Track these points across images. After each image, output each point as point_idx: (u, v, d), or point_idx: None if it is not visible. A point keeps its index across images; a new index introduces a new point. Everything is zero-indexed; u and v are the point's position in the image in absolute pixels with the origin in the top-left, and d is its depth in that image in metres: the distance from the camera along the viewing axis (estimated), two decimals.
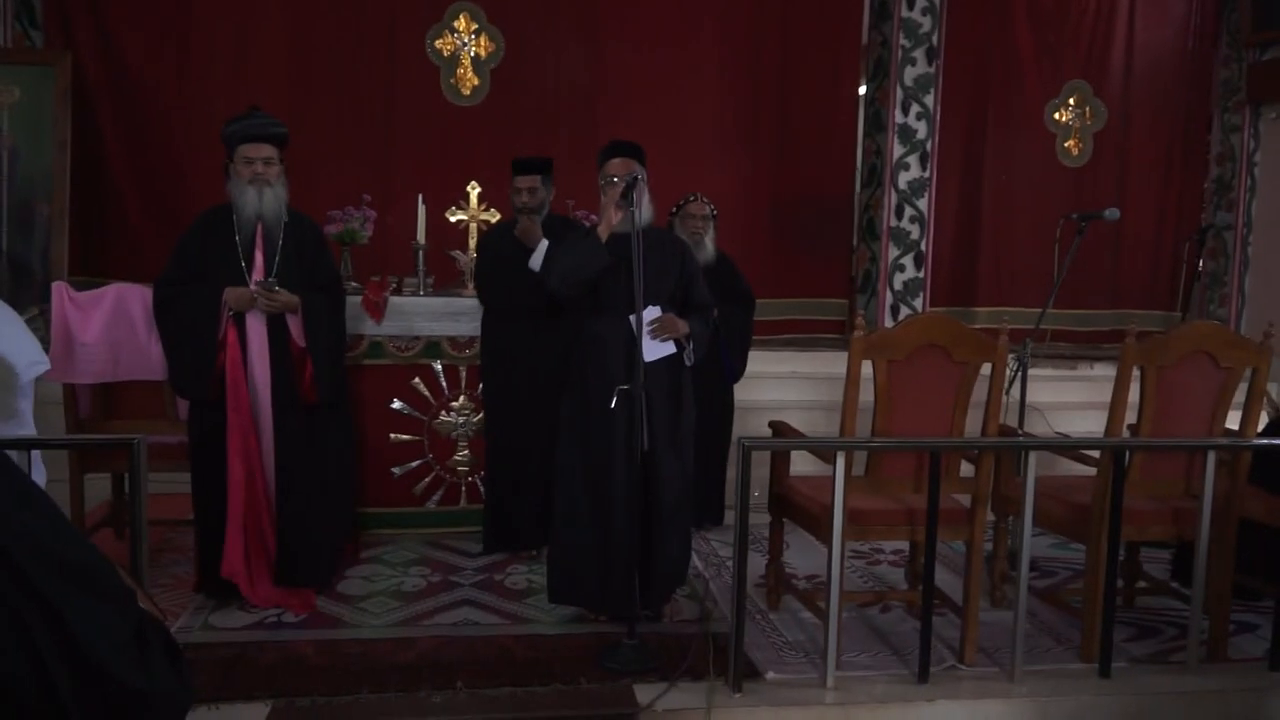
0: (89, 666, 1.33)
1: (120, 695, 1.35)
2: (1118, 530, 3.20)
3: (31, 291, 5.23)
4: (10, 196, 5.19)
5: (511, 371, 4.15)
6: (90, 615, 1.34)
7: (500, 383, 4.20)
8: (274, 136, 3.56)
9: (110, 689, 1.34)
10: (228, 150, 3.55)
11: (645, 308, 3.26)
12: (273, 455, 3.57)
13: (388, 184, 5.83)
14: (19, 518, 1.33)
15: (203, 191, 4.99)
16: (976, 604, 3.27)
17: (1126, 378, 3.30)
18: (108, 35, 5.63)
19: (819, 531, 3.31)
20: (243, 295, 3.47)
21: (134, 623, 1.42)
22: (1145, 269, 7.17)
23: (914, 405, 3.24)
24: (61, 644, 1.31)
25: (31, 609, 1.30)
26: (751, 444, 3.05)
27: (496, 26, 6.15)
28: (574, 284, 3.39)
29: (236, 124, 3.55)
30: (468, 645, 3.31)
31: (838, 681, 3.08)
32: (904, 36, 6.31)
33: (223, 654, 3.17)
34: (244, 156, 3.50)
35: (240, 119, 3.57)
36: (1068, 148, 7.00)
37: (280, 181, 3.57)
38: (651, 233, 3.46)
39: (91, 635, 1.33)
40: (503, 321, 4.21)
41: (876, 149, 6.53)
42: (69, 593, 1.33)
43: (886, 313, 6.43)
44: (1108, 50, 7.00)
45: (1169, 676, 3.26)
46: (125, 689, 1.35)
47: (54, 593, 1.32)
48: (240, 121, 3.55)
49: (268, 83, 5.68)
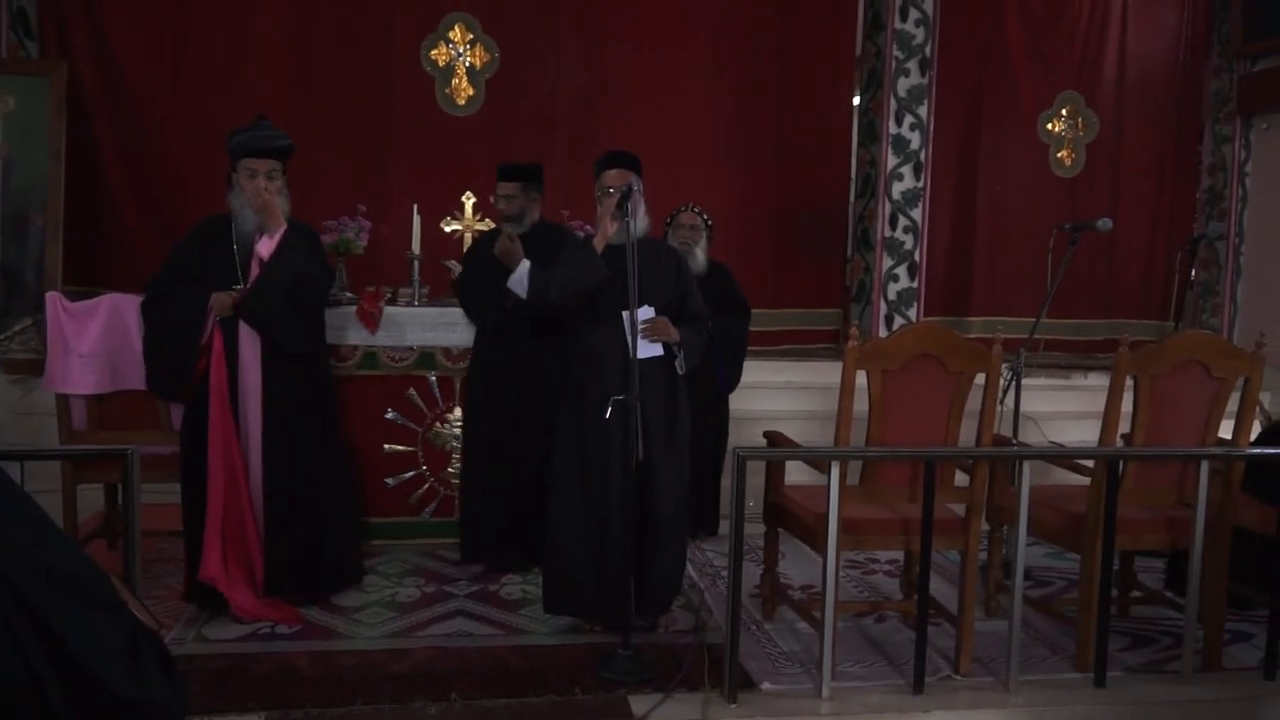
0: (80, 675, 1.32)
1: (112, 704, 1.34)
2: (1112, 539, 3.20)
3: (25, 302, 5.21)
4: (4, 206, 5.18)
5: (494, 383, 4.14)
6: (81, 624, 1.34)
7: (482, 394, 4.19)
8: (277, 150, 3.55)
9: (102, 698, 1.34)
10: (231, 160, 3.54)
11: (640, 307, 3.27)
12: (260, 465, 3.56)
13: (383, 194, 5.83)
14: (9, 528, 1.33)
15: (198, 201, 4.98)
16: (972, 614, 3.27)
17: (1120, 387, 3.31)
18: (104, 45, 5.63)
19: (814, 541, 3.31)
20: (224, 300, 3.47)
21: (127, 632, 1.41)
22: (1138, 279, 7.20)
23: (909, 415, 3.24)
24: (50, 652, 1.31)
25: (20, 617, 1.29)
26: (746, 454, 3.05)
27: (491, 37, 6.16)
28: (573, 295, 3.40)
29: (241, 135, 3.54)
30: (462, 656, 3.30)
31: (833, 692, 3.08)
32: (897, 48, 6.34)
33: (216, 665, 3.16)
34: (248, 169, 3.50)
35: (246, 130, 3.56)
36: (1060, 158, 7.04)
37: (283, 195, 3.55)
38: (646, 243, 3.46)
39: (82, 644, 1.33)
40: (486, 333, 4.21)
41: (870, 159, 6.56)
42: (58, 601, 1.33)
43: (881, 322, 6.45)
44: (1100, 61, 7.04)
45: (1164, 686, 3.26)
46: (117, 698, 1.35)
47: (42, 601, 1.31)
48: (245, 133, 3.54)
49: (264, 93, 5.68)
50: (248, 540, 3.54)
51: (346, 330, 4.33)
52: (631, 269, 3.16)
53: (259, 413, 3.54)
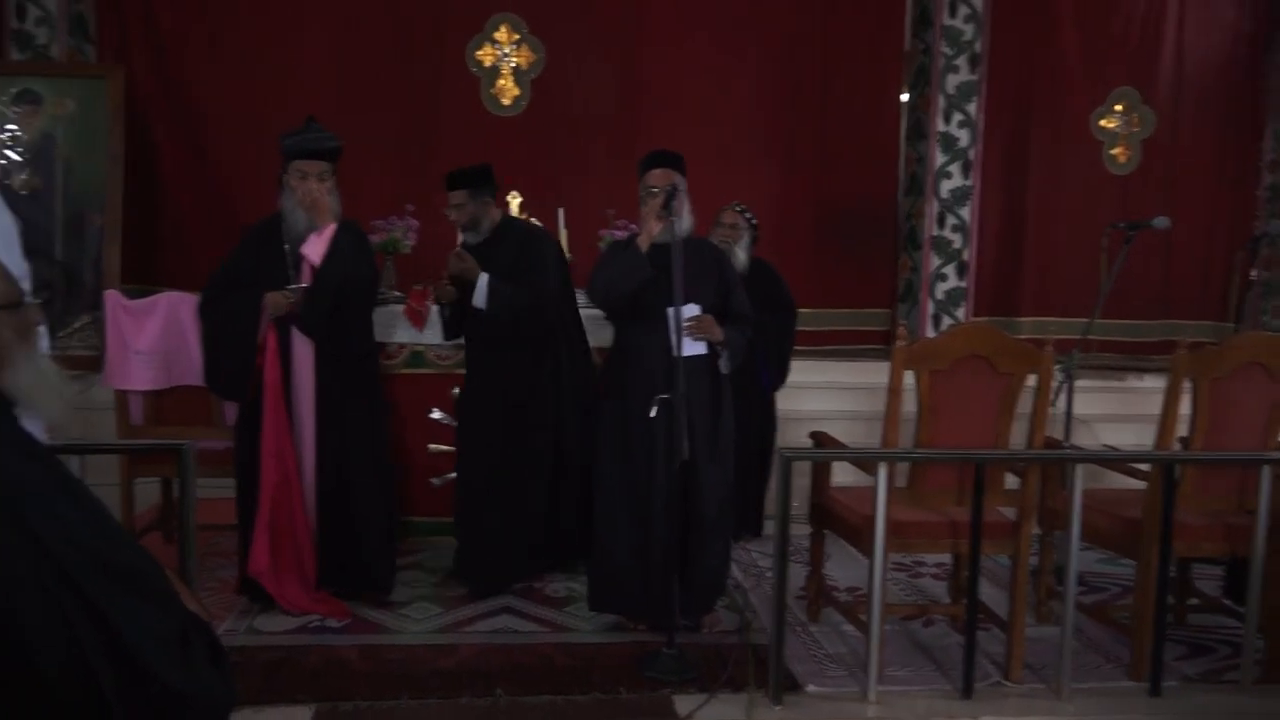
0: (133, 664, 1.34)
1: (163, 694, 1.36)
2: (1169, 546, 3.13)
3: (84, 300, 5.34)
4: (64, 207, 5.31)
5: (485, 399, 3.90)
6: (134, 614, 1.36)
7: (474, 409, 3.96)
8: (327, 151, 3.60)
9: (154, 689, 1.36)
10: (283, 163, 3.59)
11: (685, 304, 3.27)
12: (313, 462, 3.61)
13: (430, 194, 5.87)
14: (67, 520, 1.36)
15: (253, 200, 5.06)
16: (1022, 619, 3.21)
17: (1178, 389, 3.24)
18: (160, 48, 5.74)
19: (860, 543, 3.28)
20: (278, 300, 3.52)
21: (178, 623, 1.43)
22: (1196, 278, 7.02)
23: (957, 416, 3.20)
24: (105, 642, 1.33)
25: (77, 607, 1.32)
26: (792, 455, 3.03)
27: (537, 37, 6.19)
28: (616, 297, 3.41)
29: (292, 138, 3.59)
30: (508, 653, 3.32)
31: (879, 696, 3.04)
32: (946, 44, 6.25)
33: (267, 657, 3.21)
34: (298, 170, 3.55)
35: (296, 133, 3.61)
36: (1115, 155, 6.89)
37: (334, 195, 3.59)
38: (691, 242, 3.46)
39: (135, 634, 1.35)
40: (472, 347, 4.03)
41: (918, 157, 6.48)
42: (114, 592, 1.36)
43: (929, 323, 6.36)
44: (1156, 56, 6.88)
45: (1222, 696, 3.19)
46: (168, 688, 1.37)
47: (99, 592, 1.34)
48: (296, 136, 3.60)
49: (314, 94, 5.75)
50: (298, 535, 3.59)
51: (394, 328, 4.38)
52: (676, 267, 3.15)
53: (312, 411, 3.59)
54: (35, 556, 1.31)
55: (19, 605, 1.28)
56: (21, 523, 1.31)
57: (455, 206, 3.94)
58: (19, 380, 1.52)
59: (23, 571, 1.30)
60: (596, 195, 5.57)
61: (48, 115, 5.22)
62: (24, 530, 1.31)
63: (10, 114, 5.19)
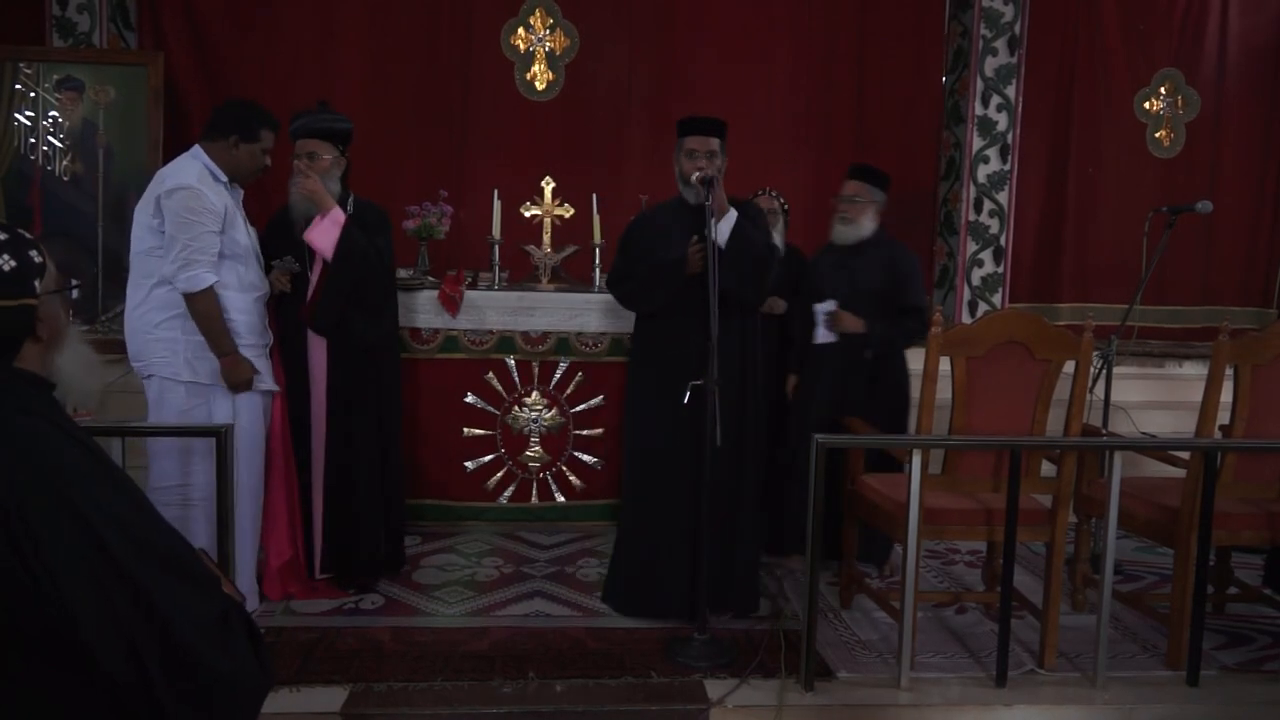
0: (177, 647, 1.37)
1: (205, 675, 1.39)
2: (1208, 534, 3.08)
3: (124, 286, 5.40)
4: (106, 193, 5.38)
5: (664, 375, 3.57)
6: (177, 598, 1.39)
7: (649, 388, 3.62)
8: (322, 131, 3.58)
9: (197, 669, 1.39)
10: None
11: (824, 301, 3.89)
12: (323, 449, 3.66)
13: (463, 179, 5.90)
14: (112, 504, 1.39)
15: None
16: (1057, 607, 3.18)
17: (1219, 376, 3.18)
18: (199, 35, 5.79)
19: (894, 530, 3.26)
20: (280, 278, 3.57)
21: (218, 606, 1.46)
22: (1239, 263, 6.88)
23: (993, 403, 3.16)
24: (151, 625, 1.36)
25: (124, 591, 1.34)
26: (826, 441, 3.01)
27: (571, 22, 6.17)
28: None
29: (297, 119, 3.63)
30: (540, 636, 3.35)
31: (912, 683, 3.03)
32: (985, 26, 6.14)
33: (303, 638, 3.26)
34: (295, 152, 3.58)
35: (305, 113, 3.64)
36: (1158, 138, 6.76)
37: (331, 175, 3.56)
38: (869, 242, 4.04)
39: (178, 617, 1.38)
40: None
41: (955, 141, 6.39)
42: (159, 576, 1.38)
43: (964, 309, 6.29)
44: (1201, 37, 6.73)
45: (1262, 686, 3.14)
46: (210, 670, 1.39)
47: (146, 576, 1.36)
48: (301, 117, 3.62)
49: (349, 80, 5.80)
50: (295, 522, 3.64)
51: (429, 314, 4.41)
52: (712, 269, 3.11)
53: (323, 399, 3.65)
54: (87, 541, 1.33)
55: (72, 587, 1.31)
56: (72, 507, 1.34)
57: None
58: (63, 362, 1.55)
59: (75, 554, 1.32)
60: (629, 180, 5.55)
61: (89, 102, 5.29)
62: (76, 515, 1.34)
63: (53, 100, 5.27)
